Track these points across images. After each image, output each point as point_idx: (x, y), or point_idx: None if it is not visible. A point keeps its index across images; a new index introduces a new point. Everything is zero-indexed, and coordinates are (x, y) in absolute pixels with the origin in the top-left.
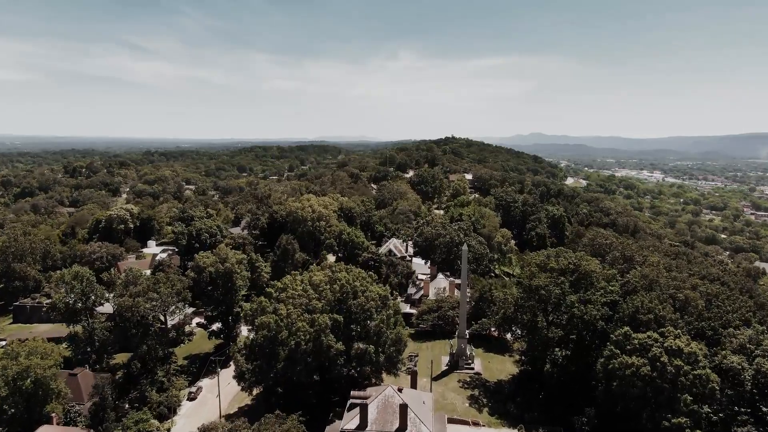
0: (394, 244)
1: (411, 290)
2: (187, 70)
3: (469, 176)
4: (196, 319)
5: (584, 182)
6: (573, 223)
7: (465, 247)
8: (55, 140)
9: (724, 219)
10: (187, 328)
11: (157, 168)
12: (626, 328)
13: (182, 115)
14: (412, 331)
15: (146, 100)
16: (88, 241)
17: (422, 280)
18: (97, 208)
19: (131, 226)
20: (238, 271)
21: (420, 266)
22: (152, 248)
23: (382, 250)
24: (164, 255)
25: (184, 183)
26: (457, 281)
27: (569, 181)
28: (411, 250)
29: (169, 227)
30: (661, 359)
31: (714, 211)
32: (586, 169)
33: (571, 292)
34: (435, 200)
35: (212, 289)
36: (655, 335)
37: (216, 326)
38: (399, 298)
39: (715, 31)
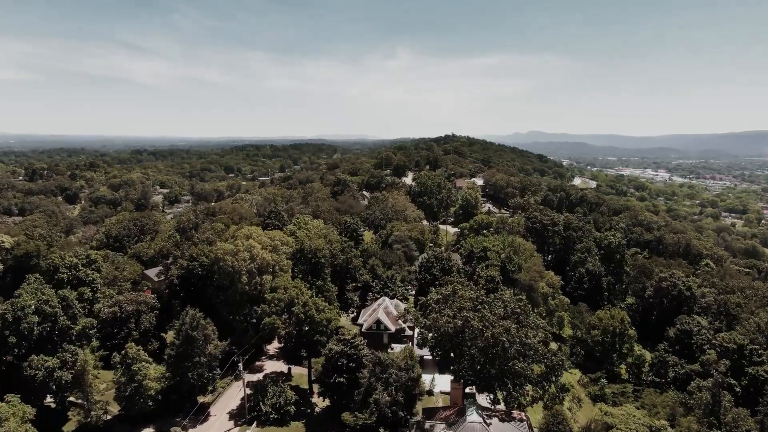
0: (386, 308)
1: None
2: (186, 70)
3: (479, 181)
4: None
5: (592, 182)
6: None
7: None
8: (52, 139)
9: (747, 223)
10: None
11: (129, 170)
12: None
13: (180, 113)
14: None
15: (144, 98)
16: None
17: (436, 412)
18: (43, 218)
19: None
20: None
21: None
22: None
23: (366, 321)
24: None
25: (157, 187)
26: (510, 424)
27: (577, 181)
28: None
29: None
30: None
31: (733, 214)
32: (589, 168)
33: None
34: (441, 214)
35: None
36: None
37: None
38: None
39: (714, 30)
